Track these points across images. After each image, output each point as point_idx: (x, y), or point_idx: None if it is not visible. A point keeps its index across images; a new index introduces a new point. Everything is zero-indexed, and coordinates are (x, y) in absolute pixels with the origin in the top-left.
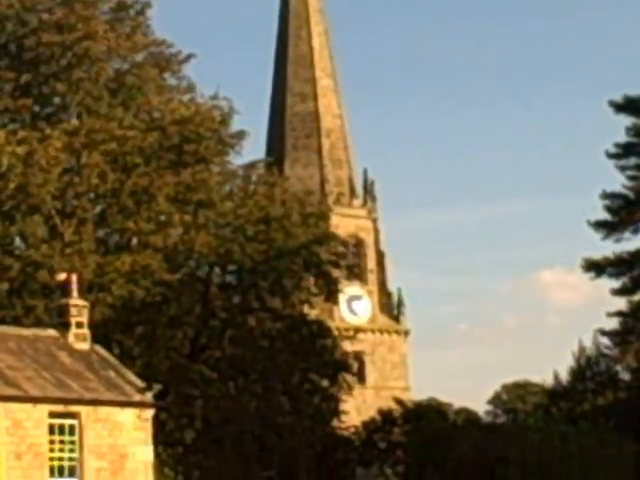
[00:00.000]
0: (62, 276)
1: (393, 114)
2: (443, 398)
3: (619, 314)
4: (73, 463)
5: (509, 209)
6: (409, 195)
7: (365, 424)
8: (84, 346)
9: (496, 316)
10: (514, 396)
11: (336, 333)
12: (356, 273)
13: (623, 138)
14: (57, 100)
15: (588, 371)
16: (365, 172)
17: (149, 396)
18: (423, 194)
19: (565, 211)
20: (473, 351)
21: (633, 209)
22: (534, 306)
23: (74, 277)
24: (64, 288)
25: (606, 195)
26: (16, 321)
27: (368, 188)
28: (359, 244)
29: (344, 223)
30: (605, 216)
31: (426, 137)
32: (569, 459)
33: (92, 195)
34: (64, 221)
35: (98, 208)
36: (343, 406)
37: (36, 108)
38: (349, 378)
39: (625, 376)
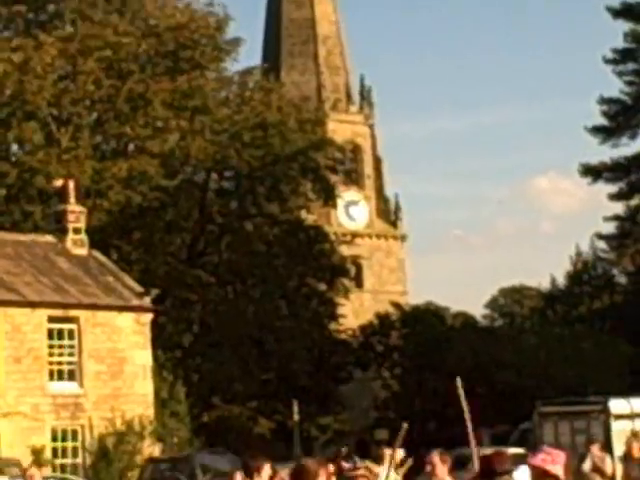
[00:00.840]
0: (59, 182)
1: (389, 20)
2: (440, 302)
3: (616, 218)
4: (72, 367)
5: (505, 115)
6: (405, 101)
7: (362, 327)
8: (82, 251)
9: (491, 222)
10: (511, 300)
11: (333, 238)
12: (353, 179)
13: (621, 44)
14: (51, 7)
15: (585, 275)
16: (362, 78)
17: (147, 300)
18: (420, 100)
19: (561, 117)
20: (469, 256)
21: (630, 114)
22: (529, 212)
23: (71, 183)
24: (61, 194)
25: (603, 100)
26: (14, 227)
27: (365, 94)
28: (356, 150)
29: (341, 129)
30: (602, 122)
31: (422, 42)
32: (565, 361)
33: (88, 102)
34: (60, 127)
35: (94, 114)
36: (340, 310)
37: (30, 15)
38: (346, 282)
39: (621, 279)
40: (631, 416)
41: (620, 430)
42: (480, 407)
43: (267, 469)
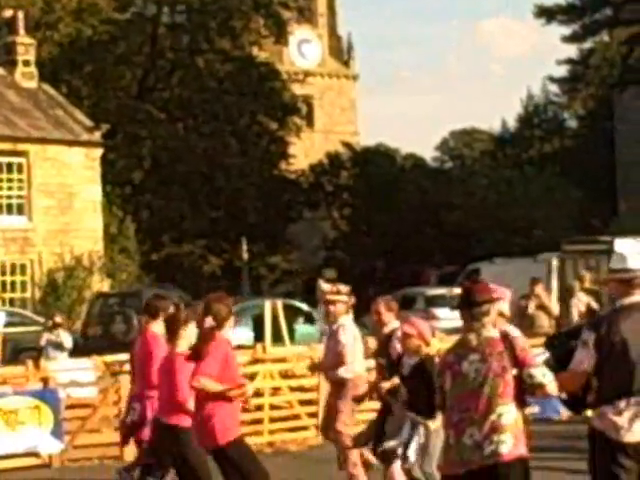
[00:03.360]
0: (8, 13)
1: None
2: (391, 144)
3: (568, 62)
4: (21, 201)
5: None
6: None
7: (312, 167)
8: (32, 85)
9: (441, 62)
10: (461, 143)
11: (285, 77)
12: (306, 16)
13: None
14: None
15: (536, 118)
16: None
17: (97, 135)
18: None
19: None
20: (420, 98)
21: None
22: (480, 54)
23: (20, 14)
24: (10, 25)
25: None
26: None
27: None
28: None
29: None
30: None
31: None
32: (514, 204)
33: None
34: None
35: None
36: (291, 150)
37: None
38: (297, 121)
39: (572, 123)
40: None
41: None
42: (428, 248)
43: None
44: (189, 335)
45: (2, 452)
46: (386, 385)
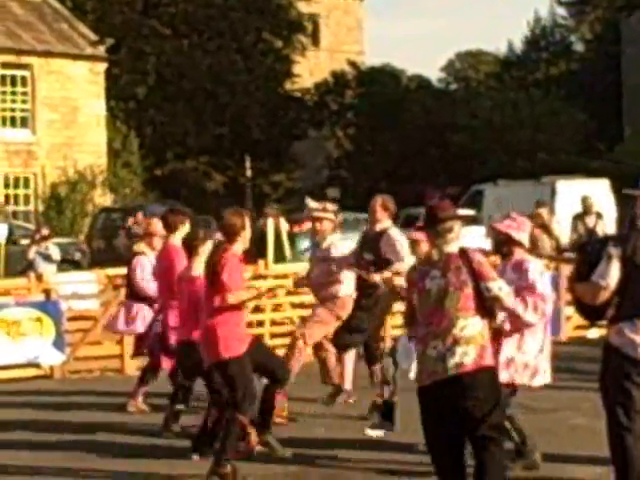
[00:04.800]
0: None
1: None
2: (397, 65)
3: None
4: (25, 114)
5: None
6: None
7: (317, 85)
8: None
9: None
10: (467, 64)
11: None
12: None
13: None
14: None
15: (542, 41)
16: None
17: (102, 50)
18: None
19: None
20: (427, 20)
21: None
22: None
23: None
24: None
25: None
26: None
27: None
28: None
29: None
30: None
31: None
32: (519, 126)
33: None
34: None
35: None
36: (296, 69)
37: None
38: (303, 39)
39: (579, 47)
40: None
41: None
42: (432, 168)
43: (186, 227)
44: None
45: (4, 362)
46: (387, 274)
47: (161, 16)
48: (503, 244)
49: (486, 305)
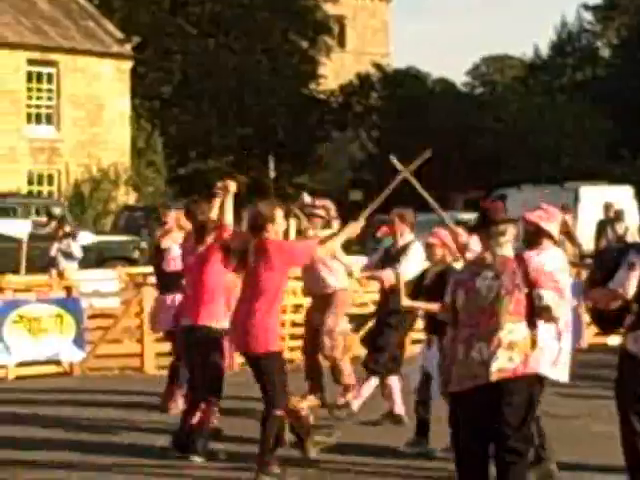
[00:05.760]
0: None
1: None
2: (422, 68)
3: None
4: (50, 111)
5: None
6: None
7: (342, 87)
8: None
9: None
10: (493, 69)
11: None
12: None
13: None
14: None
15: (569, 46)
16: None
17: (128, 48)
18: None
19: None
20: (453, 23)
21: None
22: None
23: None
24: None
25: None
26: None
27: None
28: None
29: None
30: None
31: None
32: (544, 131)
33: None
34: None
35: None
36: (321, 70)
37: None
38: (329, 41)
39: (605, 52)
40: None
41: None
42: (455, 172)
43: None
44: None
45: (24, 359)
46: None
47: (188, 15)
48: (532, 235)
49: (533, 313)
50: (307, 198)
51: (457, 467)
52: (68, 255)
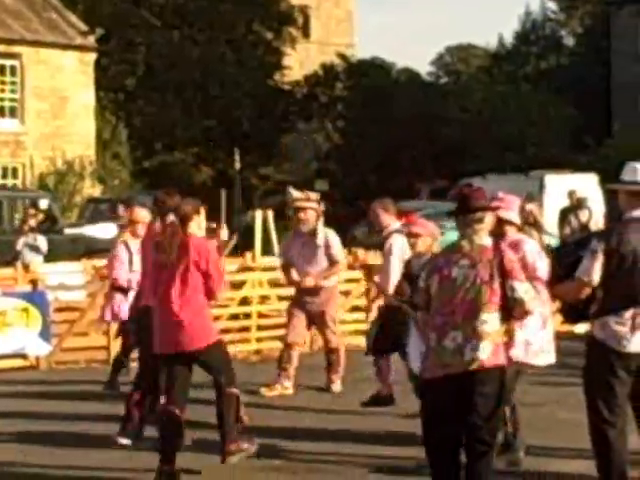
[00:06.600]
0: None
1: None
2: (386, 58)
3: None
4: (14, 104)
5: None
6: None
7: (307, 78)
8: None
9: None
10: (457, 58)
11: None
12: None
13: None
14: None
15: (533, 35)
16: None
17: (91, 40)
18: None
19: None
20: (417, 14)
21: None
22: None
23: None
24: None
25: None
26: None
27: None
28: None
29: None
30: None
31: None
32: (509, 120)
33: None
34: None
35: None
36: (286, 61)
37: None
38: (293, 31)
39: (569, 41)
40: None
41: None
42: (421, 162)
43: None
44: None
45: None
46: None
47: (152, 7)
48: (494, 226)
49: (507, 305)
50: (295, 192)
51: (428, 458)
52: (35, 249)
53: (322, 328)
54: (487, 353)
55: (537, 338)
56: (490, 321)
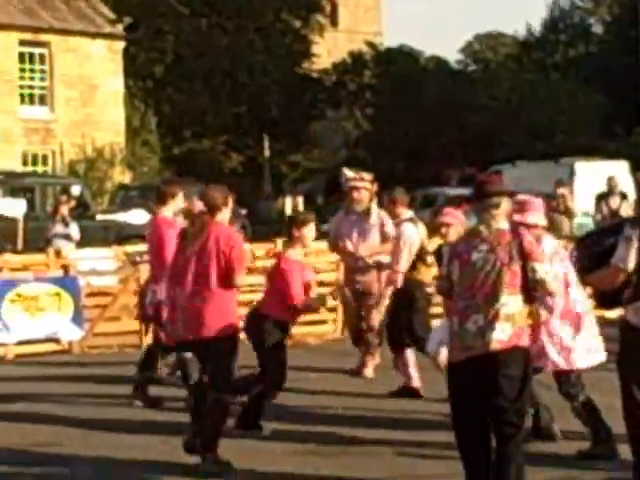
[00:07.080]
0: None
1: None
2: (415, 45)
3: None
4: (43, 92)
5: None
6: None
7: (335, 65)
8: None
9: None
10: (486, 46)
11: None
12: None
13: None
14: None
15: (561, 23)
16: None
17: (120, 28)
18: None
19: None
20: (446, 1)
21: None
22: None
23: None
24: None
25: None
26: None
27: None
28: None
29: None
30: None
31: None
32: (537, 108)
33: None
34: None
35: None
36: (314, 49)
37: None
38: (321, 20)
39: (597, 29)
40: None
41: None
42: (449, 149)
43: (180, 197)
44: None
45: (23, 338)
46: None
47: None
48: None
49: (529, 287)
50: (349, 172)
51: (458, 444)
52: (67, 237)
53: (368, 306)
54: (508, 334)
55: (576, 342)
56: (511, 303)
